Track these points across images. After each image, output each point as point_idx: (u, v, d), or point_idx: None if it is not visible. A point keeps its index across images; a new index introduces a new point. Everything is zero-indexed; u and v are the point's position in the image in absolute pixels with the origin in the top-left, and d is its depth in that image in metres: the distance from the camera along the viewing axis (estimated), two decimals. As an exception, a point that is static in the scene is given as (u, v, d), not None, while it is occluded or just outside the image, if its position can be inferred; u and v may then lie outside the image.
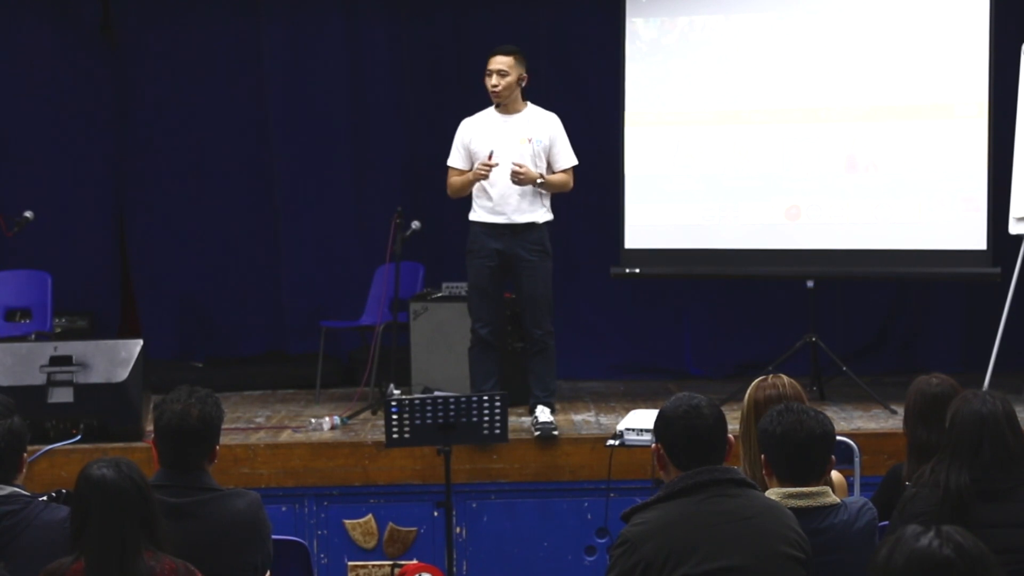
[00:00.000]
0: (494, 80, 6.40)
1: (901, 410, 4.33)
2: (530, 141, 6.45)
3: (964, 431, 3.54)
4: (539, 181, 6.40)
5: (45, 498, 3.72)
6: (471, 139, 6.52)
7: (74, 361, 6.11)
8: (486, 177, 6.39)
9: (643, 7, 7.23)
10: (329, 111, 8.47)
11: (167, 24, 8.43)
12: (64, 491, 3.88)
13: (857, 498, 3.70)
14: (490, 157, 6.37)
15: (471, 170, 6.52)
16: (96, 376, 6.10)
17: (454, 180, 6.56)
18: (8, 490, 3.49)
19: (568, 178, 6.56)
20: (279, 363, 8.39)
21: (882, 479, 4.41)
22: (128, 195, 8.60)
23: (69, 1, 8.44)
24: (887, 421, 6.41)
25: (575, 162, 6.57)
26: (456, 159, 6.57)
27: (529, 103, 6.56)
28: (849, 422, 6.40)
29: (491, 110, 6.55)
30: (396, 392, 6.71)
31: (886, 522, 3.70)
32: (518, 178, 6.34)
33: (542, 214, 6.51)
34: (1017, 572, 3.25)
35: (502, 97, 6.44)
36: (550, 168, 6.51)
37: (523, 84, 6.48)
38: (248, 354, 8.57)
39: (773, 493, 3.41)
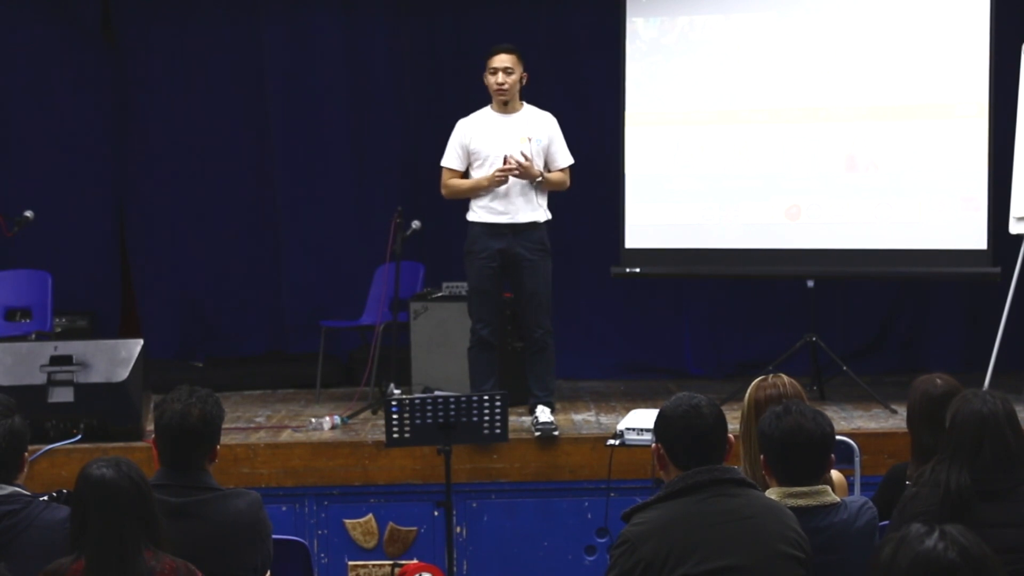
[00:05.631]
0: (500, 78, 6.39)
1: (901, 410, 4.34)
2: (530, 140, 6.44)
3: (964, 431, 3.53)
4: (539, 180, 6.41)
5: (46, 498, 3.72)
6: (471, 139, 6.50)
7: (74, 361, 6.11)
8: (505, 182, 6.37)
9: (643, 7, 7.23)
10: (329, 110, 8.47)
11: (167, 23, 8.43)
12: (64, 491, 3.87)
13: (857, 497, 3.69)
14: (505, 162, 6.36)
15: (467, 171, 6.52)
16: (96, 376, 6.10)
17: (455, 182, 6.54)
18: (9, 490, 3.49)
19: (566, 177, 6.59)
20: (279, 363, 8.39)
21: (882, 478, 4.41)
22: (128, 195, 8.60)
23: (69, 0, 8.44)
24: (887, 421, 6.40)
25: (572, 161, 6.59)
26: (453, 160, 6.55)
27: (525, 103, 6.56)
28: (849, 422, 6.39)
29: (488, 110, 6.54)
30: (396, 392, 6.71)
31: (886, 521, 3.70)
32: (520, 170, 6.33)
33: (542, 213, 6.52)
34: (1017, 572, 3.25)
35: (508, 95, 6.43)
36: (547, 168, 6.52)
37: (523, 83, 6.49)
38: (248, 354, 8.57)
39: (773, 492, 3.41)
